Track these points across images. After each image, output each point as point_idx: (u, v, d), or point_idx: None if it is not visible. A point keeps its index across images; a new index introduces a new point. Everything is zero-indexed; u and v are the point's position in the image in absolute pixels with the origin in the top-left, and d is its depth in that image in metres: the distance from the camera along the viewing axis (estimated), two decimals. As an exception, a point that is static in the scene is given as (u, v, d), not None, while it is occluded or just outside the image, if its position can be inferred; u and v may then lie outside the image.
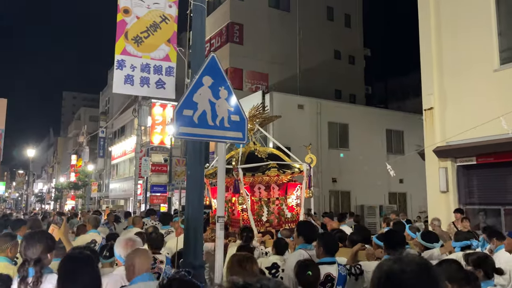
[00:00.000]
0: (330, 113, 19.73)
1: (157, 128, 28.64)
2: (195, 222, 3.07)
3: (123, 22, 3.52)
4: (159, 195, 27.45)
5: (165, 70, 3.66)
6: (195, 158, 3.16)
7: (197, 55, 3.36)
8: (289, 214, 7.36)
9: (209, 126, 2.88)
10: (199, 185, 3.14)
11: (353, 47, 28.33)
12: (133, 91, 3.58)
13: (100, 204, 39.83)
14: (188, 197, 3.13)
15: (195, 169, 3.15)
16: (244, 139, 3.07)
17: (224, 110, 2.96)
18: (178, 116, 2.82)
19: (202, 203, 3.16)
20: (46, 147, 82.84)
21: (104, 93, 48.49)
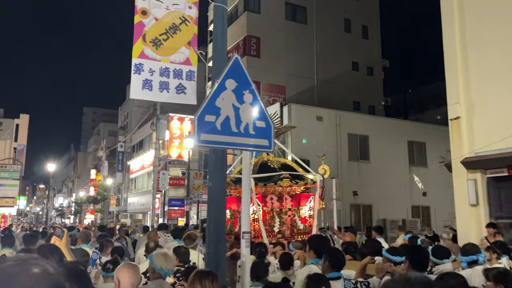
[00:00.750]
0: (350, 124, 19.38)
1: (175, 141, 28.71)
2: (217, 236, 2.83)
3: (140, 24, 3.35)
4: (177, 209, 27.35)
5: (185, 74, 3.46)
6: (217, 168, 2.94)
7: (219, 58, 3.16)
8: (301, 226, 7.24)
9: (233, 133, 2.66)
10: (221, 197, 2.91)
11: (371, 58, 28.02)
12: (151, 97, 3.39)
13: (119, 218, 39.94)
14: (210, 210, 2.90)
15: (217, 179, 2.92)
16: (270, 147, 2.84)
17: (249, 115, 2.74)
18: (199, 123, 2.61)
19: (225, 216, 2.93)
20: (67, 162, 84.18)
21: (123, 108, 49.09)
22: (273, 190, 7.07)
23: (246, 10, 24.21)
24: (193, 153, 24.99)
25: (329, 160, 18.64)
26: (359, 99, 26.67)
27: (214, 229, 2.84)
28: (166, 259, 3.20)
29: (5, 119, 40.47)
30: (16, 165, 31.99)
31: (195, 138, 2.59)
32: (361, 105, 26.71)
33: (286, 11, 25.25)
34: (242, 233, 2.60)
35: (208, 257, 2.83)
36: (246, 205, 2.59)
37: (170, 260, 3.22)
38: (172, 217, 26.79)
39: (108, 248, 6.02)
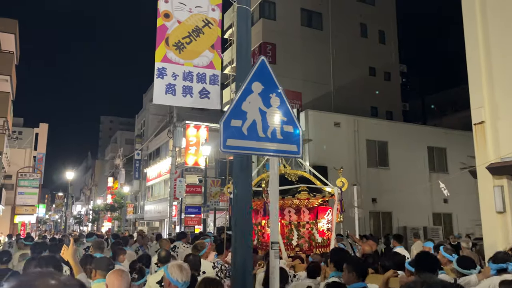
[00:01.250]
0: (368, 130, 19.09)
1: (191, 149, 28.74)
2: (244, 248, 2.69)
3: (163, 27, 3.27)
4: (194, 217, 27.29)
5: (209, 78, 3.36)
6: (242, 174, 2.81)
7: (243, 62, 3.05)
8: (320, 239, 7.21)
9: (260, 138, 2.54)
10: (247, 205, 2.78)
11: (388, 63, 27.69)
12: (175, 102, 3.30)
13: (136, 226, 40.12)
14: (235, 219, 2.77)
15: (243, 187, 2.80)
16: (299, 152, 2.70)
17: (276, 120, 2.62)
18: (225, 127, 2.49)
19: (251, 226, 2.79)
20: (85, 170, 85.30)
21: (140, 116, 49.53)
22: (290, 203, 7.05)
23: (262, 17, 24.22)
24: (210, 160, 24.97)
25: (348, 166, 18.39)
26: (377, 105, 26.34)
27: (240, 240, 2.70)
28: (181, 271, 3.13)
29: (25, 128, 41.25)
30: (35, 173, 32.51)
31: (221, 144, 2.48)
32: (378, 110, 26.37)
33: (302, 17, 25.17)
34: (271, 244, 2.46)
35: (235, 269, 2.69)
36: (275, 215, 2.45)
37: (186, 272, 3.14)
38: (189, 225, 26.73)
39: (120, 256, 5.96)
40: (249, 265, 2.73)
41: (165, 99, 3.25)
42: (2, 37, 23.41)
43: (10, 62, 23.88)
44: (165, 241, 7.83)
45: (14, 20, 24.41)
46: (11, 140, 32.21)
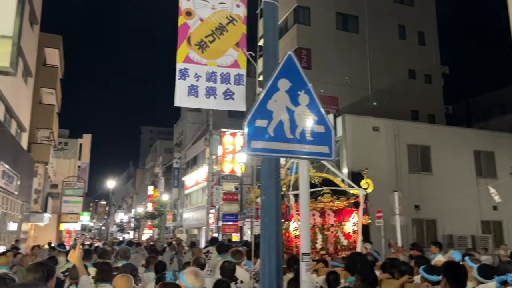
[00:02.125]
0: (409, 135, 18.36)
1: (228, 157, 28.83)
2: (273, 255, 2.48)
3: (185, 26, 3.13)
4: (231, 224, 27.28)
5: (233, 78, 3.19)
6: (270, 179, 2.61)
7: (270, 59, 2.85)
8: (345, 242, 7.16)
9: (288, 139, 2.34)
10: (275, 212, 2.57)
11: (429, 65, 26.67)
12: (197, 104, 3.14)
13: (175, 233, 40.66)
14: (263, 226, 2.57)
15: (271, 192, 2.59)
16: (331, 154, 2.47)
17: (306, 119, 2.41)
18: (249, 128, 2.31)
19: (281, 232, 2.58)
20: (126, 179, 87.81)
21: (178, 126, 50.47)
22: (314, 206, 6.96)
23: (296, 22, 24.02)
24: (246, 167, 24.90)
25: (388, 172, 17.76)
26: (417, 108, 25.39)
27: (268, 247, 2.50)
28: (196, 277, 3.17)
29: (70, 139, 42.97)
30: (80, 182, 33.69)
31: (246, 146, 2.29)
32: (419, 114, 25.40)
33: (337, 21, 24.77)
34: (302, 255, 2.24)
35: (263, 278, 2.49)
36: (305, 224, 2.23)
37: (201, 278, 3.20)
38: (226, 232, 26.73)
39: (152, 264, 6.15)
40: (279, 274, 2.52)
41: (187, 101, 3.10)
42: (47, 52, 24.51)
43: (55, 76, 24.95)
44: (197, 250, 7.95)
45: (58, 36, 25.52)
46: (57, 150, 33.60)
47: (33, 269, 3.07)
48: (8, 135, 15.62)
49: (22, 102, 18.74)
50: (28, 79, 19.85)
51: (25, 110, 19.79)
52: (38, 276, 2.97)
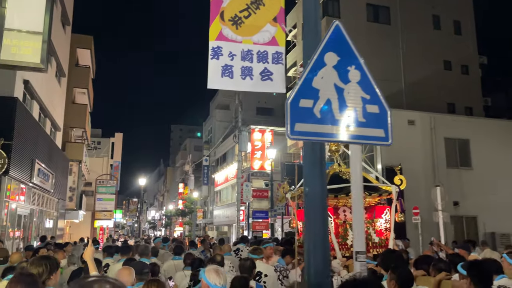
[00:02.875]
0: (446, 128, 17.56)
1: (257, 153, 28.64)
2: (319, 255, 2.19)
3: (217, 0, 2.84)
4: (261, 221, 27.06)
5: (271, 56, 2.86)
6: (314, 168, 2.32)
7: (311, 36, 2.54)
8: (377, 239, 6.99)
9: (336, 121, 2.03)
10: (321, 204, 2.27)
11: (465, 55, 25.53)
12: (232, 85, 2.84)
13: (206, 230, 40.87)
14: (307, 222, 2.28)
15: (315, 184, 2.30)
16: (387, 138, 2.15)
17: (357, 98, 2.10)
18: (293, 109, 2.01)
19: (327, 229, 2.28)
20: (158, 177, 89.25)
21: (207, 123, 50.72)
22: (345, 202, 6.88)
23: (325, 15, 23.48)
24: (276, 164, 24.60)
25: (424, 167, 17.05)
26: (454, 101, 24.36)
27: (314, 245, 2.21)
28: (218, 275, 3.22)
29: (102, 138, 43.93)
30: (112, 180, 34.35)
31: (288, 130, 2.00)
32: (456, 107, 24.37)
33: (368, 12, 24.05)
34: (356, 254, 1.94)
35: (309, 278, 2.20)
36: (359, 219, 1.93)
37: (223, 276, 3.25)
38: (257, 230, 26.54)
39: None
40: (326, 276, 2.22)
41: (221, 83, 2.80)
42: (79, 53, 24.99)
43: (87, 76, 25.41)
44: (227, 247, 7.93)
45: (89, 37, 25.98)
46: (91, 149, 34.36)
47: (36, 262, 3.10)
48: (43, 134, 15.94)
49: (56, 101, 19.13)
50: (61, 79, 20.25)
51: (59, 110, 20.20)
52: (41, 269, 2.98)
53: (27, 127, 12.99)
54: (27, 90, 13.72)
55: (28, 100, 14.30)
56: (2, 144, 8.77)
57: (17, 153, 11.60)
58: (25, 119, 12.69)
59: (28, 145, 13.15)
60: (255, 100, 43.51)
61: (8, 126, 10.98)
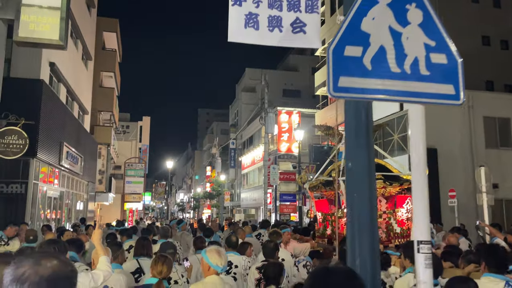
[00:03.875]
0: (486, 106, 16.54)
1: (284, 136, 28.18)
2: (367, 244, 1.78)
3: None
4: (289, 204, 26.78)
5: (304, 4, 2.37)
6: (358, 139, 1.89)
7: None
8: (398, 229, 6.87)
9: (393, 74, 1.58)
10: (368, 183, 1.85)
11: (505, 30, 23.96)
12: (258, 39, 2.39)
13: (233, 213, 41.02)
14: (350, 203, 1.87)
15: (360, 157, 1.87)
16: (458, 96, 1.68)
17: (418, 45, 1.64)
18: (336, 59, 1.57)
19: (375, 212, 1.87)
20: (185, 160, 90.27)
21: (233, 107, 50.48)
22: None
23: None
24: (303, 146, 24.09)
25: (461, 148, 16.17)
26: (492, 78, 22.99)
27: (359, 232, 1.80)
28: (220, 255, 3.31)
29: (131, 122, 44.43)
30: (140, 163, 34.72)
31: (330, 85, 1.56)
32: (494, 84, 23.03)
33: (400, -14, 22.83)
34: (418, 244, 1.51)
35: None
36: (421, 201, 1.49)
37: (224, 256, 3.34)
38: (284, 212, 26.28)
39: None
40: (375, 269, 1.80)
41: (244, 36, 2.35)
42: (105, 36, 24.98)
43: (113, 59, 25.42)
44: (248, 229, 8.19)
45: (115, 19, 25.89)
46: (119, 133, 34.75)
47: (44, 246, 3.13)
48: (71, 117, 16.01)
49: (83, 85, 19.19)
50: (88, 62, 20.27)
51: (87, 93, 20.29)
52: None
53: (54, 110, 12.99)
54: (54, 73, 13.70)
55: (55, 83, 14.30)
56: (27, 126, 8.68)
57: (44, 135, 11.61)
58: (52, 101, 12.68)
59: (55, 128, 13.18)
60: (281, 82, 42.79)
61: (34, 108, 10.95)
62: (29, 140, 8.51)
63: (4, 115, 8.09)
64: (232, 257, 4.85)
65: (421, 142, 1.62)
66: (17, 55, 11.49)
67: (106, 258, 3.23)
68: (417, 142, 1.62)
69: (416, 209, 1.54)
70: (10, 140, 7.66)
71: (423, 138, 1.63)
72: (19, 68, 11.52)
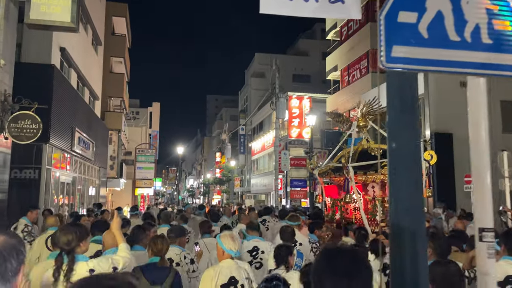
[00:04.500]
0: (504, 89, 16.11)
1: (294, 121, 27.95)
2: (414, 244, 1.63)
3: None
4: (299, 190, 26.73)
5: None
6: (404, 116, 1.72)
7: None
8: None
9: (451, 43, 1.42)
10: (414, 166, 1.70)
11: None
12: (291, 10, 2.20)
13: (243, 198, 41.14)
14: (394, 189, 1.72)
15: (405, 136, 1.71)
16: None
17: (480, 10, 1.47)
18: (388, 26, 1.40)
19: (421, 196, 1.71)
20: (195, 146, 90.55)
21: (242, 92, 50.19)
22: (374, 178, 6.92)
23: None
24: (314, 132, 23.89)
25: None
26: (509, 61, 22.44)
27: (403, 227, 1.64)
28: (233, 240, 3.44)
29: (140, 108, 44.50)
30: (151, 149, 34.82)
31: (383, 55, 1.40)
32: None
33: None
34: (481, 231, 1.36)
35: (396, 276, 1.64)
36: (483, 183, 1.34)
37: (237, 241, 3.48)
38: (295, 198, 26.24)
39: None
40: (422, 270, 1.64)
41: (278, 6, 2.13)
42: (115, 21, 24.78)
43: (123, 44, 25.27)
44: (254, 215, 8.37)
45: (124, 4, 25.64)
46: (129, 119, 34.81)
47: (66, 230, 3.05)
48: (82, 102, 15.97)
49: (94, 70, 19.10)
50: (98, 47, 20.15)
51: (97, 79, 20.23)
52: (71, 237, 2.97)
53: (65, 95, 12.94)
54: (64, 58, 13.61)
55: (65, 68, 14.23)
56: (40, 111, 8.62)
57: (56, 120, 11.58)
58: (63, 87, 12.62)
59: (67, 113, 13.15)
60: (291, 67, 42.31)
61: (46, 93, 10.89)
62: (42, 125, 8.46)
63: (17, 99, 8.01)
64: (259, 243, 5.00)
65: (482, 122, 1.46)
66: (28, 40, 11.40)
67: (126, 246, 3.30)
68: (478, 122, 1.46)
69: (476, 194, 1.39)
70: (24, 124, 7.60)
71: (485, 117, 1.47)
72: (30, 53, 11.44)
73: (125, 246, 3.28)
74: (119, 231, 3.37)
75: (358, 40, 23.27)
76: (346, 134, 8.10)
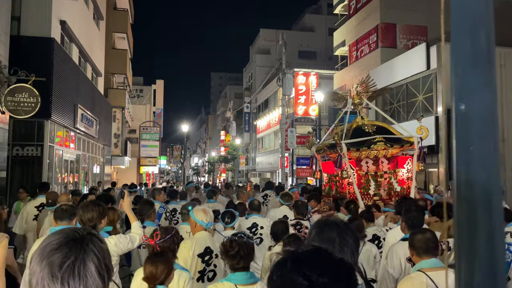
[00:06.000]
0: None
1: (301, 98, 27.47)
2: (492, 232, 1.27)
3: None
4: (305, 168, 26.48)
5: None
6: (477, 72, 1.37)
7: None
8: (399, 188, 7.31)
9: None
10: (490, 133, 1.35)
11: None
12: None
13: (249, 177, 41.03)
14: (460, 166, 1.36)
15: (478, 97, 1.36)
16: None
17: None
18: None
19: (497, 161, 1.34)
20: (199, 124, 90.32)
21: (247, 70, 49.46)
22: (367, 153, 7.10)
23: None
24: (321, 109, 23.44)
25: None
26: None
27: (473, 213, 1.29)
28: (205, 213, 3.68)
29: (144, 86, 43.99)
30: (155, 127, 34.55)
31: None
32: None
33: None
34: None
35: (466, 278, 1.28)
36: None
37: (209, 214, 3.72)
38: (301, 176, 26.01)
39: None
40: (501, 238, 1.29)
41: None
42: (116, -5, 24.10)
43: (126, 19, 24.64)
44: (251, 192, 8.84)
45: (125, -23, 24.90)
46: (133, 97, 34.40)
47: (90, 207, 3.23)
48: (84, 78, 15.57)
49: (96, 46, 18.62)
50: (99, 22, 19.59)
51: (99, 55, 19.75)
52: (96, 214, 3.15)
53: (67, 70, 12.55)
54: (65, 32, 13.15)
55: (67, 43, 13.78)
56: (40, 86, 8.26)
57: (57, 96, 11.23)
58: (64, 62, 12.21)
59: (69, 89, 12.79)
60: (297, 43, 41.43)
61: (46, 67, 10.50)
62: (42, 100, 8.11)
63: (14, 71, 7.64)
64: (257, 219, 5.29)
65: None
66: (27, 13, 10.95)
67: (138, 223, 3.52)
68: None
69: None
70: (21, 98, 7.26)
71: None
72: (29, 26, 11.00)
73: (137, 224, 3.48)
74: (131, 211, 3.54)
75: (367, 14, 22.55)
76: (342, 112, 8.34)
